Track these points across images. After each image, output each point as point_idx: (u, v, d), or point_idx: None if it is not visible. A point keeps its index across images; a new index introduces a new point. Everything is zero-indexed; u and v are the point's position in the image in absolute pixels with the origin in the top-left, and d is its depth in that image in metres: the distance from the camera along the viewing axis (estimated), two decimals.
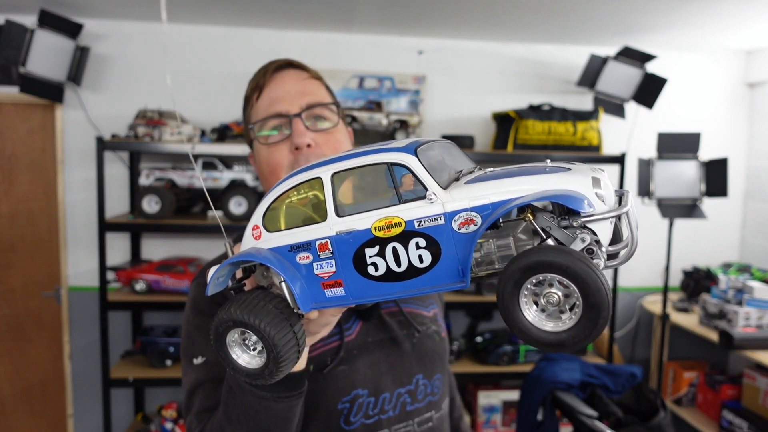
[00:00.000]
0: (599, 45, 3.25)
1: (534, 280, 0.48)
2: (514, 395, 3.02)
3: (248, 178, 2.81)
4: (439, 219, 0.51)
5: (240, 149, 2.71)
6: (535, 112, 2.99)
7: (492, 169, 0.57)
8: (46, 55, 2.76)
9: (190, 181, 2.80)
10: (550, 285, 0.48)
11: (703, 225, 3.40)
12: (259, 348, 0.59)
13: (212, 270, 0.61)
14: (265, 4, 2.66)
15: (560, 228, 0.50)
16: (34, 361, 3.15)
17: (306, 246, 0.56)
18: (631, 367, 2.78)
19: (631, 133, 3.30)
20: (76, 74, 2.86)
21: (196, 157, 2.81)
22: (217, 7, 2.74)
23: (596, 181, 0.50)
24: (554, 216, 0.50)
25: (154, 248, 3.13)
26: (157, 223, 2.69)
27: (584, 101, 3.31)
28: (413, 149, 0.54)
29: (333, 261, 0.56)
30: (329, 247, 0.55)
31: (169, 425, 2.82)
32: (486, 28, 3.02)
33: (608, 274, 3.09)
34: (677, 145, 2.93)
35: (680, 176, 2.92)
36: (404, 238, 0.53)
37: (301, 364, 0.80)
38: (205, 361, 0.96)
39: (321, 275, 0.57)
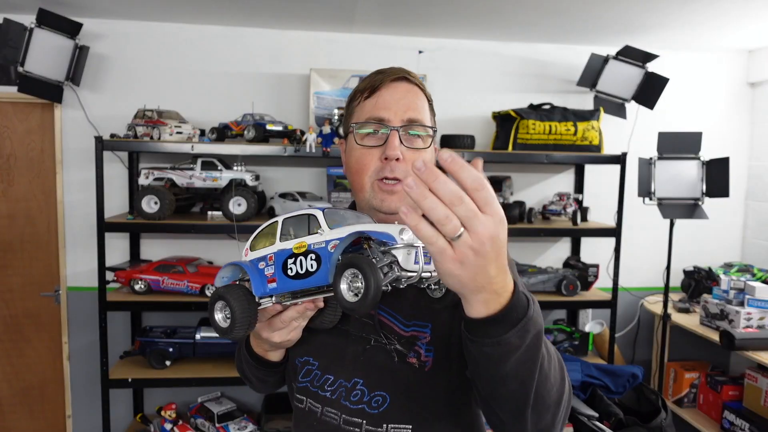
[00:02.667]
0: (600, 44, 3.24)
1: (349, 272, 0.83)
2: None
3: (248, 178, 2.80)
4: (322, 243, 0.89)
5: (239, 149, 2.70)
6: (536, 111, 2.98)
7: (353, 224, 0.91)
8: (45, 55, 2.76)
9: (190, 181, 2.80)
10: (356, 276, 0.81)
11: (705, 225, 3.39)
12: (228, 315, 0.95)
13: (219, 271, 1.03)
14: (265, 3, 2.65)
15: (380, 251, 0.84)
16: (32, 362, 3.14)
17: (263, 258, 0.96)
18: (631, 367, 2.77)
19: (632, 132, 3.29)
20: (74, 74, 2.85)
21: (196, 156, 2.80)
22: (217, 7, 2.73)
23: (403, 230, 0.80)
24: (380, 245, 0.84)
25: (154, 248, 3.13)
26: (156, 223, 2.68)
27: (585, 101, 3.30)
28: (323, 209, 0.92)
29: (273, 266, 0.94)
30: (273, 258, 0.94)
31: (168, 426, 2.81)
32: (486, 28, 3.01)
33: (610, 276, 3.08)
34: (678, 144, 2.92)
35: (681, 176, 2.91)
36: (306, 253, 0.90)
37: (275, 357, 1.12)
38: None
39: (267, 275, 0.95)
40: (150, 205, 2.67)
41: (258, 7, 2.71)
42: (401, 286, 0.85)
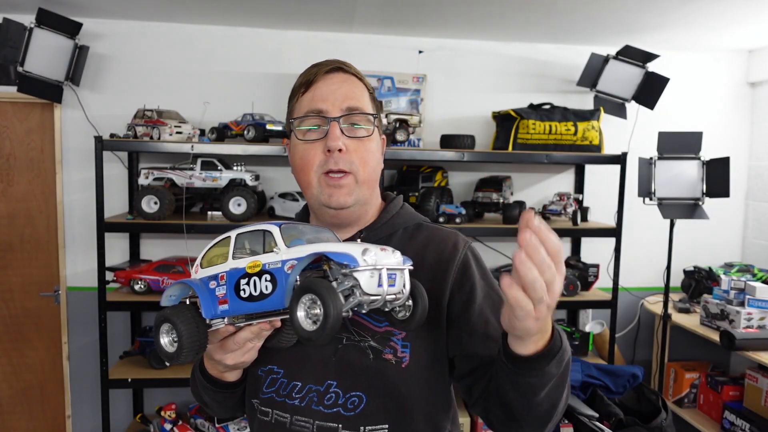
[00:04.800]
0: (600, 44, 3.24)
1: (307, 297, 0.78)
2: None
3: (247, 178, 2.80)
4: (278, 264, 0.83)
5: (239, 149, 2.70)
6: (536, 111, 2.98)
7: (312, 242, 0.88)
8: (45, 55, 2.75)
9: (190, 181, 2.79)
10: (315, 302, 0.77)
11: (705, 225, 3.39)
12: (174, 339, 0.88)
13: (167, 290, 0.95)
14: (265, 3, 2.65)
15: (341, 273, 0.79)
16: (32, 362, 3.14)
17: (214, 277, 0.90)
18: (632, 367, 2.77)
19: (632, 132, 3.29)
20: (74, 74, 2.85)
21: (195, 156, 2.80)
22: (217, 7, 2.73)
23: (366, 251, 0.79)
24: (341, 266, 0.80)
25: (153, 248, 3.12)
26: (156, 223, 2.68)
27: (585, 101, 3.30)
28: (280, 225, 0.87)
29: (225, 286, 0.87)
30: (225, 278, 0.88)
31: (168, 426, 2.80)
32: (486, 27, 3.01)
33: (610, 276, 3.08)
34: (678, 144, 2.92)
35: (681, 176, 2.90)
36: (260, 274, 0.84)
37: (232, 377, 1.06)
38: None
39: (218, 295, 0.88)
40: (150, 205, 2.67)
41: (258, 7, 2.71)
42: (363, 311, 0.83)
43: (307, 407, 1.03)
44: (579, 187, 3.37)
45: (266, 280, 0.83)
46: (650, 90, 3.10)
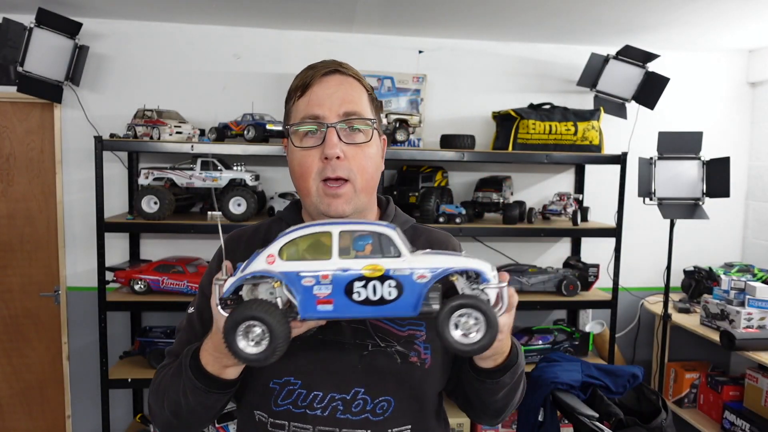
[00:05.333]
0: (600, 44, 3.24)
1: (459, 313, 0.80)
2: None
3: (247, 178, 2.80)
4: (406, 271, 0.81)
5: (239, 149, 2.70)
6: (536, 111, 2.98)
7: (429, 250, 0.89)
8: (45, 55, 2.75)
9: (190, 181, 2.79)
10: (468, 316, 0.80)
11: (705, 225, 3.39)
12: (257, 340, 0.82)
13: (231, 280, 0.85)
14: (265, 3, 2.65)
15: (470, 288, 0.84)
16: (32, 362, 3.14)
17: (312, 275, 0.82)
18: (632, 367, 2.77)
19: (632, 132, 3.29)
20: (74, 74, 2.85)
21: (195, 156, 2.80)
22: (217, 7, 2.73)
23: (492, 267, 0.84)
24: (470, 281, 0.85)
25: (153, 248, 3.12)
26: (156, 223, 2.68)
27: (585, 101, 3.30)
28: (394, 227, 0.85)
29: (330, 286, 0.82)
30: (329, 277, 0.82)
31: None
32: (486, 27, 3.01)
33: (610, 276, 3.08)
34: (678, 144, 2.92)
35: (681, 176, 2.90)
36: (382, 279, 0.81)
37: (233, 374, 0.98)
38: (191, 314, 1.14)
39: (318, 294, 0.82)
40: (150, 205, 2.67)
41: (258, 7, 2.71)
42: None
43: (331, 416, 1.02)
44: (579, 187, 3.37)
45: (390, 286, 0.81)
46: (650, 90, 3.10)
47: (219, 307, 0.85)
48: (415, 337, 1.06)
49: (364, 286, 0.81)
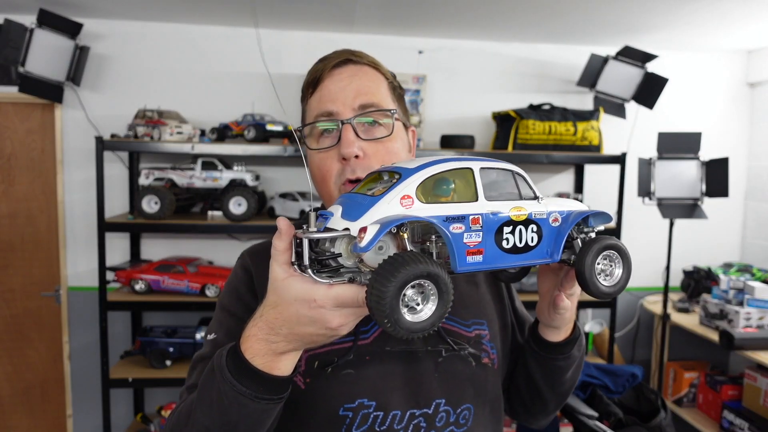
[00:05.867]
0: (600, 44, 3.25)
1: (603, 255, 0.78)
2: None
3: (248, 178, 2.81)
4: (544, 214, 0.76)
5: (240, 149, 2.71)
6: (536, 111, 2.98)
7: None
8: (46, 55, 2.76)
9: (190, 181, 2.80)
10: (609, 259, 0.79)
11: (704, 225, 3.40)
12: (412, 305, 0.66)
13: (374, 230, 0.65)
14: (265, 3, 2.65)
15: (583, 233, 0.83)
16: (33, 362, 3.15)
17: (461, 218, 0.70)
18: (631, 367, 2.78)
19: (632, 132, 3.30)
20: (75, 74, 2.85)
21: (196, 156, 2.80)
22: (217, 7, 2.73)
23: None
24: (580, 227, 0.83)
25: (154, 248, 3.13)
26: (156, 223, 2.69)
27: (585, 101, 3.31)
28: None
29: (481, 233, 0.71)
30: (480, 222, 0.71)
31: None
32: (486, 28, 3.01)
33: None
34: (678, 144, 2.93)
35: (681, 176, 2.91)
36: (526, 223, 0.75)
37: (287, 368, 0.77)
38: (214, 339, 0.96)
39: (468, 243, 0.70)
40: (150, 205, 2.68)
41: (258, 7, 2.72)
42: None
43: None
44: (579, 187, 3.38)
45: (532, 231, 0.75)
46: (650, 90, 3.10)
47: (310, 270, 0.69)
48: (481, 337, 1.00)
49: (512, 232, 0.73)
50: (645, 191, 2.91)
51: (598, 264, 0.78)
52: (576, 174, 3.40)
